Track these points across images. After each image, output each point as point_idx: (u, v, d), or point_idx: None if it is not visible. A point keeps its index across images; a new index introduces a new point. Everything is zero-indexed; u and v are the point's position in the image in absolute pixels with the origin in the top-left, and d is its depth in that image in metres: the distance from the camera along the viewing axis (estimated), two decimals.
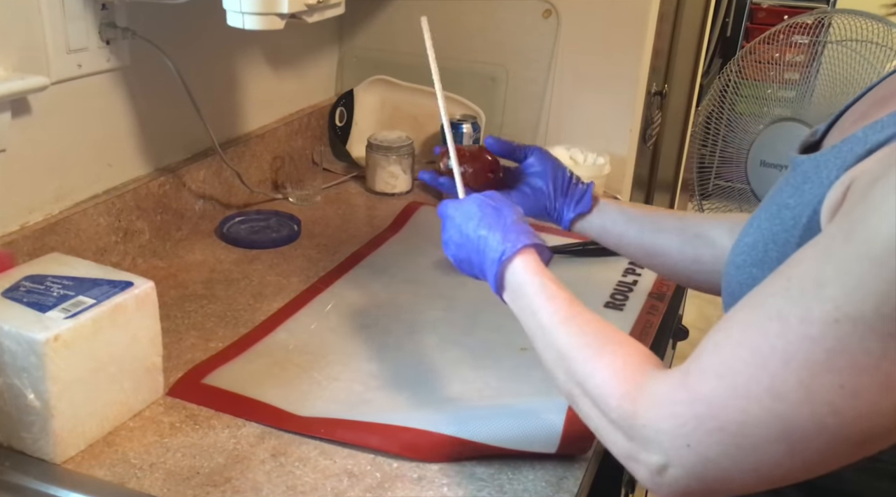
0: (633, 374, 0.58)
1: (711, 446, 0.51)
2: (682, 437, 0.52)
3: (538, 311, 0.68)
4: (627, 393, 0.57)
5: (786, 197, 0.59)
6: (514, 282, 0.71)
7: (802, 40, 1.74)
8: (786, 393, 0.48)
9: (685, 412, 0.52)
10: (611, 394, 0.58)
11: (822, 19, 1.72)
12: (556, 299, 0.67)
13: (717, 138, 1.86)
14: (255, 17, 0.88)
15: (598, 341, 0.62)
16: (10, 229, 0.96)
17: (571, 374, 0.62)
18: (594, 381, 0.59)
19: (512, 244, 0.72)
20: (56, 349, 0.72)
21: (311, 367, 0.93)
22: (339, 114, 1.58)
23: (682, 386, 0.53)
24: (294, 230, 1.27)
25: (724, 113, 1.83)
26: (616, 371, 0.59)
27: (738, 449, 0.50)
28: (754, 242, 0.61)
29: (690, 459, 0.52)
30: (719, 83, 1.83)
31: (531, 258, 0.72)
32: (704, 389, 0.51)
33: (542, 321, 0.67)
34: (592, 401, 0.60)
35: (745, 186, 1.84)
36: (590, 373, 0.60)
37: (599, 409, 0.59)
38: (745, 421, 0.50)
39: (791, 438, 0.49)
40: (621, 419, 0.56)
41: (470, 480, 0.77)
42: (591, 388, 0.60)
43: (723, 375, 0.51)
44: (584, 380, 0.61)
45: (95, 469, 0.76)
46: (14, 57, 0.93)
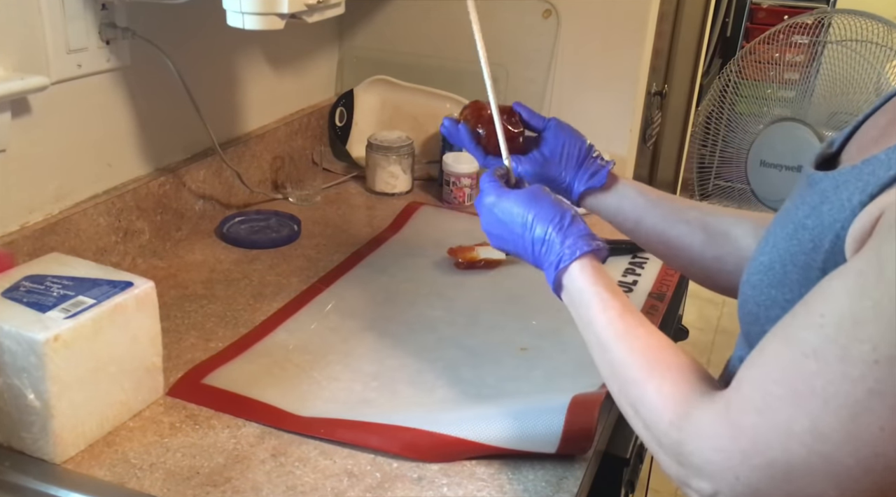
0: (680, 401, 0.58)
1: (761, 480, 0.51)
2: (730, 469, 0.52)
3: (593, 322, 0.68)
4: (673, 422, 0.57)
5: (802, 216, 0.58)
6: (572, 288, 0.71)
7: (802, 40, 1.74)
8: (828, 434, 0.48)
9: (730, 447, 0.52)
10: (660, 419, 0.58)
11: (822, 19, 1.72)
12: (610, 310, 0.67)
13: (717, 138, 1.86)
14: (255, 17, 0.88)
15: (648, 362, 0.62)
16: (10, 229, 0.96)
17: (625, 394, 0.63)
18: (644, 405, 0.60)
19: (570, 250, 0.71)
20: (56, 349, 0.72)
21: (311, 367, 0.93)
22: (339, 114, 1.58)
23: (725, 419, 0.53)
24: (294, 230, 1.27)
25: (724, 113, 1.83)
26: (665, 396, 0.59)
27: (787, 483, 0.50)
28: (771, 263, 0.60)
29: (740, 490, 0.52)
30: (719, 83, 1.83)
31: (588, 263, 0.71)
32: (746, 424, 0.51)
33: (597, 333, 0.67)
34: (644, 423, 0.60)
35: (745, 186, 1.84)
36: (640, 396, 0.61)
37: (651, 432, 0.59)
38: (789, 460, 0.49)
39: (838, 478, 0.48)
40: (670, 446, 0.57)
41: (470, 480, 0.77)
42: (642, 411, 0.60)
43: (763, 411, 0.51)
44: (635, 401, 0.61)
45: (95, 469, 0.76)
46: (14, 57, 0.93)
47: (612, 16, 1.43)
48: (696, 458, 0.54)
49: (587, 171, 0.88)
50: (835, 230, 0.54)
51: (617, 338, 0.65)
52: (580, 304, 0.70)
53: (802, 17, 1.75)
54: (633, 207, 0.87)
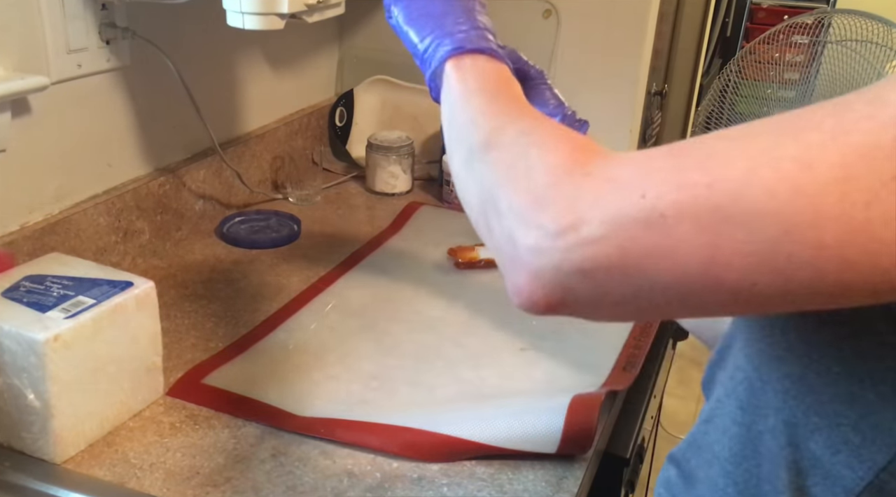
0: (589, 143, 0.50)
1: (677, 202, 0.40)
2: (640, 186, 0.42)
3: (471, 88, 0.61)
4: (580, 147, 0.48)
5: None
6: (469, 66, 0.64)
7: (802, 40, 1.74)
8: (818, 168, 0.38)
9: (662, 164, 0.42)
10: (555, 147, 0.49)
11: (822, 19, 1.72)
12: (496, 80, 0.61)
13: None
14: (255, 17, 0.88)
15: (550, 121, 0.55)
16: (10, 229, 0.96)
17: (513, 125, 0.54)
18: (544, 130, 0.52)
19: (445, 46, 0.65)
20: (56, 349, 0.72)
21: (311, 367, 0.93)
22: (339, 114, 1.58)
23: (666, 149, 0.44)
24: (294, 230, 1.27)
25: (724, 113, 1.83)
26: (568, 132, 0.51)
27: (713, 215, 0.40)
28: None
29: (632, 214, 0.41)
30: (719, 83, 1.83)
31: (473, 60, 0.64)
32: (700, 150, 0.42)
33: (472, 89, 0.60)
34: (524, 146, 0.51)
35: None
36: (534, 128, 0.53)
37: (531, 151, 0.50)
38: (746, 182, 0.39)
39: (795, 226, 0.38)
40: (559, 165, 0.47)
41: (470, 480, 0.77)
42: (538, 135, 0.51)
43: (735, 138, 0.42)
44: (529, 129, 0.53)
45: (95, 469, 0.76)
46: (14, 57, 0.93)
47: (612, 16, 1.43)
48: (593, 176, 0.44)
49: None
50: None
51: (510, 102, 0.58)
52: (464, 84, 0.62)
53: (802, 17, 1.75)
54: None
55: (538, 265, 0.45)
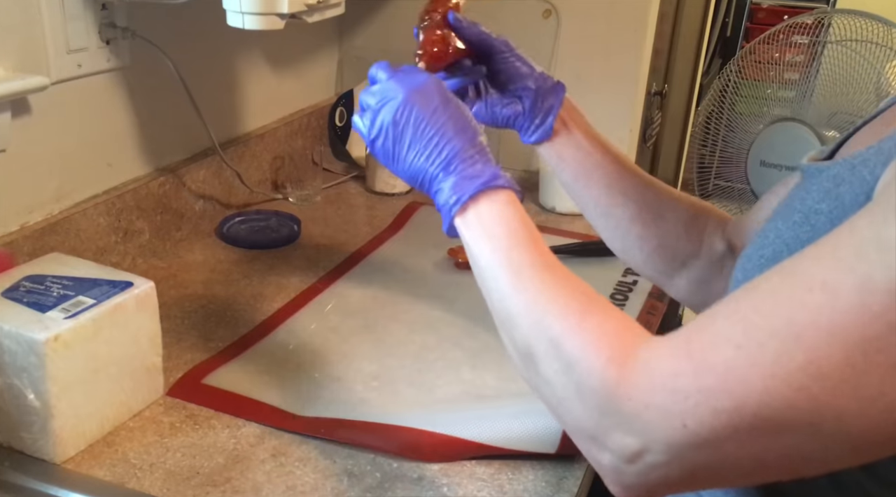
0: (626, 337, 0.49)
1: (717, 429, 0.44)
2: (679, 414, 0.44)
3: (502, 249, 0.58)
4: (613, 358, 0.48)
5: (813, 202, 0.54)
6: (486, 212, 0.60)
7: (802, 40, 1.74)
8: (828, 372, 0.41)
9: (688, 385, 0.44)
10: (595, 355, 0.49)
11: (822, 19, 1.72)
12: (530, 242, 0.58)
13: (716, 138, 1.86)
14: (255, 17, 0.88)
15: (587, 296, 0.54)
16: (10, 229, 0.96)
17: (543, 328, 0.53)
18: (575, 338, 0.51)
19: (465, 191, 0.60)
20: (56, 349, 0.72)
21: (311, 367, 0.93)
22: (339, 114, 1.58)
23: (685, 354, 0.45)
24: (294, 230, 1.27)
25: (724, 113, 1.83)
26: (607, 332, 0.50)
27: (750, 433, 0.43)
28: (776, 254, 0.55)
29: (682, 442, 0.45)
30: (719, 83, 1.83)
31: (512, 200, 0.61)
32: (716, 360, 0.44)
33: (512, 263, 0.57)
34: (564, 363, 0.50)
35: (745, 186, 1.84)
36: (571, 329, 0.51)
37: (571, 374, 0.50)
38: (767, 402, 0.42)
39: (823, 425, 0.42)
40: (599, 388, 0.48)
41: (470, 480, 0.77)
42: (569, 347, 0.50)
43: (742, 346, 0.43)
44: (559, 336, 0.51)
45: (95, 469, 0.76)
46: (14, 57, 0.93)
47: (612, 16, 1.43)
48: (635, 402, 0.46)
49: (536, 114, 0.79)
50: (855, 206, 0.49)
51: (546, 268, 0.56)
52: (488, 237, 0.59)
53: (802, 17, 1.75)
54: (571, 165, 0.80)
55: (622, 482, 0.49)
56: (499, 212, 0.60)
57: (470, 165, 0.61)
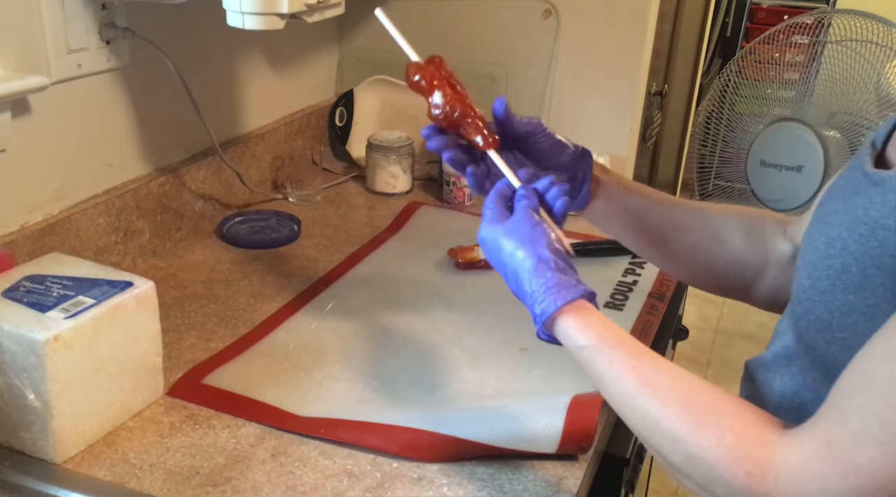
0: (754, 447, 0.50)
1: None
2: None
3: (603, 378, 0.61)
4: (753, 473, 0.49)
5: (880, 216, 0.53)
6: (567, 344, 0.64)
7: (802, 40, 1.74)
8: None
9: (839, 488, 0.46)
10: (732, 475, 0.50)
11: (822, 19, 1.72)
12: (617, 363, 0.60)
13: (717, 138, 1.86)
14: (255, 17, 0.88)
15: (690, 412, 0.54)
16: (10, 229, 0.96)
17: (670, 453, 0.54)
18: (702, 463, 0.52)
19: (552, 300, 0.63)
20: (56, 349, 0.72)
21: (311, 367, 0.93)
22: (339, 114, 1.58)
23: (829, 457, 0.46)
24: (294, 230, 1.27)
25: (724, 113, 1.83)
26: (730, 447, 0.51)
27: None
28: (844, 266, 0.55)
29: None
30: (719, 83, 1.83)
31: (575, 313, 0.63)
32: (861, 459, 0.45)
33: (612, 391, 0.60)
34: (704, 484, 0.52)
35: (745, 186, 1.84)
36: (692, 454, 0.52)
37: (716, 492, 0.51)
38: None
39: None
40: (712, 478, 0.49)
41: (470, 480, 0.77)
42: (700, 471, 0.52)
43: (884, 442, 0.45)
44: (685, 461, 0.53)
45: (95, 469, 0.76)
46: (14, 57, 0.93)
47: (612, 16, 1.43)
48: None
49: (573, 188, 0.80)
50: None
51: (638, 393, 0.57)
52: (582, 362, 0.63)
53: (802, 17, 1.75)
54: (618, 216, 0.81)
55: None
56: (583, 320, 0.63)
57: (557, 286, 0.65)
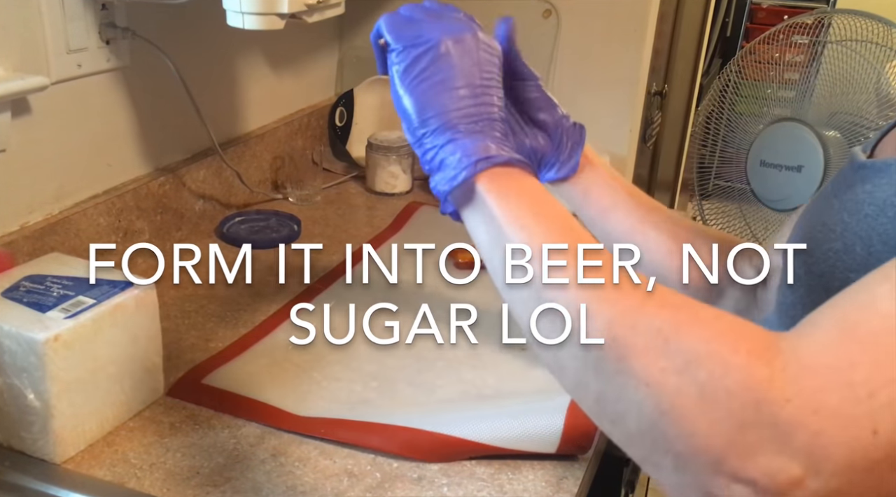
0: (755, 331, 0.39)
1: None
2: (868, 416, 0.34)
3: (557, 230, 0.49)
4: (755, 351, 0.37)
5: (887, 196, 0.50)
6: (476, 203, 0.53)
7: (802, 40, 1.74)
8: None
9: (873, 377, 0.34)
10: (729, 348, 0.38)
11: (822, 19, 1.72)
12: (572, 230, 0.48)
13: (716, 138, 1.86)
14: (255, 17, 0.88)
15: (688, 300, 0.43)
16: (10, 229, 0.96)
17: (643, 317, 0.41)
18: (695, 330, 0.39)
19: (473, 161, 0.52)
20: (56, 349, 0.72)
21: (311, 367, 0.93)
22: (339, 114, 1.58)
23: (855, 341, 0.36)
24: (294, 230, 1.27)
25: (724, 113, 1.83)
26: (732, 323, 0.40)
27: None
28: (847, 247, 0.50)
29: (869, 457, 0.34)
30: (719, 83, 1.83)
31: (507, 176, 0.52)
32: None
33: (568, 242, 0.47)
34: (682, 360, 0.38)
35: (745, 186, 1.84)
36: (685, 319, 0.40)
37: (694, 373, 0.38)
38: None
39: None
40: (742, 389, 0.36)
41: (470, 480, 0.77)
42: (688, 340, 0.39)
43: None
44: (669, 326, 0.40)
45: (95, 469, 0.76)
46: (14, 57, 0.93)
47: (612, 16, 1.43)
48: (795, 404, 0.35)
49: (561, 152, 0.74)
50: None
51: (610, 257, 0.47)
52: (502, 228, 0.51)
53: (802, 17, 1.75)
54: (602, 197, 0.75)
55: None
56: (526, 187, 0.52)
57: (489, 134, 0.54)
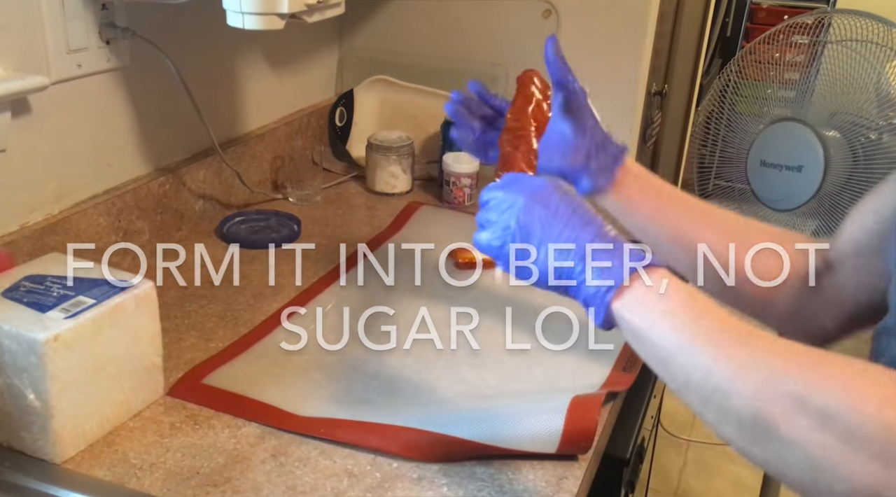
0: (883, 377, 0.44)
1: None
2: None
3: (687, 323, 0.53)
4: (887, 397, 0.43)
5: None
6: (647, 290, 0.56)
7: (802, 40, 1.74)
8: None
9: None
10: (860, 399, 0.43)
11: (822, 19, 1.71)
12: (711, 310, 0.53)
13: (717, 138, 1.86)
14: (255, 17, 0.88)
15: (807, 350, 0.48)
16: (10, 229, 0.96)
17: (775, 387, 0.47)
18: (825, 387, 0.45)
19: (616, 275, 0.56)
20: (56, 349, 0.72)
21: (311, 367, 0.93)
22: (339, 114, 1.58)
23: None
24: (294, 230, 1.27)
25: (724, 113, 1.83)
26: (858, 374, 0.45)
27: None
28: None
29: None
30: (719, 83, 1.83)
31: (667, 272, 0.57)
32: None
33: (704, 332, 0.52)
34: (819, 417, 0.44)
35: (745, 186, 1.84)
36: (814, 379, 0.46)
37: (833, 425, 0.44)
38: None
39: None
40: (880, 432, 0.42)
41: (470, 480, 0.77)
42: (821, 397, 0.45)
43: None
44: (802, 389, 0.45)
45: (95, 469, 0.76)
46: (14, 57, 0.93)
47: (612, 16, 1.43)
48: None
49: (600, 161, 0.77)
50: None
51: (747, 332, 0.51)
52: (663, 314, 0.55)
53: (802, 17, 1.75)
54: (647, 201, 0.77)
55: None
56: (663, 287, 0.55)
57: (610, 252, 0.58)
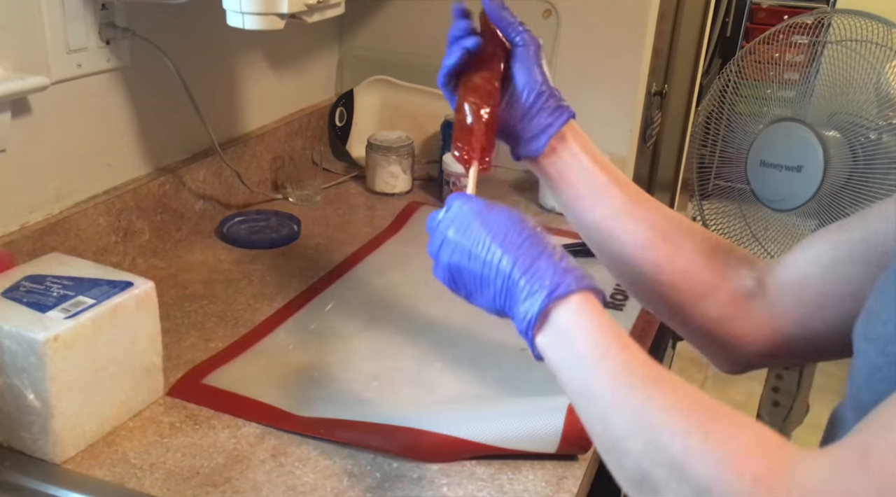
0: (766, 452, 0.42)
1: None
2: None
3: (602, 360, 0.52)
4: (760, 478, 0.41)
5: None
6: (563, 324, 0.55)
7: (802, 40, 1.74)
8: None
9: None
10: (735, 476, 0.41)
11: (822, 19, 1.71)
12: (628, 351, 0.51)
13: (716, 138, 1.86)
14: (255, 17, 0.88)
15: (704, 407, 0.46)
16: (10, 229, 0.96)
17: (659, 450, 0.45)
18: (704, 459, 0.43)
19: (566, 284, 0.55)
20: (56, 349, 0.72)
21: (311, 367, 0.93)
22: (339, 114, 1.58)
23: (860, 469, 0.39)
24: (294, 230, 1.27)
25: (724, 113, 1.83)
26: (741, 446, 0.43)
27: None
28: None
29: None
30: (719, 83, 1.83)
31: (590, 302, 0.55)
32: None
33: (603, 379, 0.51)
34: (694, 489, 0.43)
35: (745, 186, 1.84)
36: (695, 446, 0.44)
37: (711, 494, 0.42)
38: None
39: None
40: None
41: (470, 480, 0.77)
42: (698, 469, 0.43)
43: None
44: (682, 456, 0.44)
45: (95, 469, 0.76)
46: (14, 57, 0.93)
47: (612, 16, 1.43)
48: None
49: (531, 127, 0.72)
50: None
51: (652, 379, 0.49)
52: (574, 342, 0.54)
53: (802, 17, 1.74)
54: (578, 182, 0.73)
55: None
56: (574, 323, 0.54)
57: (528, 286, 0.56)
